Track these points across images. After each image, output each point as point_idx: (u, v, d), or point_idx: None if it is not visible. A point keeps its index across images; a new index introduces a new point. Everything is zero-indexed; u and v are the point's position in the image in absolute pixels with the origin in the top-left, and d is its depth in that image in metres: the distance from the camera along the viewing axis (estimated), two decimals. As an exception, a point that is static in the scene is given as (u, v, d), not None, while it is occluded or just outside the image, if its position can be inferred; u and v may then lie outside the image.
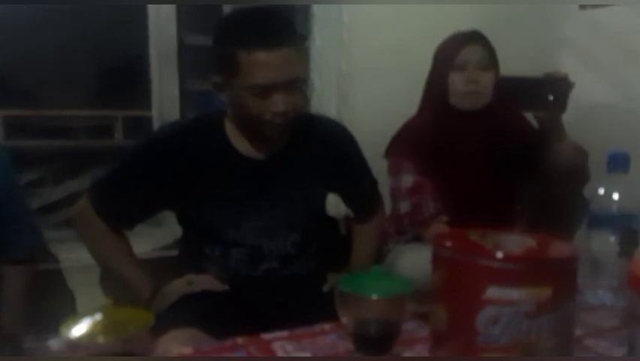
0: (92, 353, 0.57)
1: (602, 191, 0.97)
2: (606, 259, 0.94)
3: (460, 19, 1.68)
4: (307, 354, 0.81)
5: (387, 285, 0.74)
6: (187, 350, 0.85)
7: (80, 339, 0.57)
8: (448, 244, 0.67)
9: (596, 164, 1.40)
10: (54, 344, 0.60)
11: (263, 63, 1.15)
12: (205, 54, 1.61)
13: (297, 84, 1.23)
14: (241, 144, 1.31)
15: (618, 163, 0.97)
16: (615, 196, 0.96)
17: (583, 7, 1.93)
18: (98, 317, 0.58)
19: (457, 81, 1.55)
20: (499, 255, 0.62)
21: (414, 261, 1.18)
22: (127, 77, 2.14)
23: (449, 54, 1.58)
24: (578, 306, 0.65)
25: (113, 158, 1.70)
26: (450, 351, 0.66)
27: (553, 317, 0.61)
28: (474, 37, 1.58)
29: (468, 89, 1.55)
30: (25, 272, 1.32)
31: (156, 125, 1.96)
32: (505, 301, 0.60)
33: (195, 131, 1.32)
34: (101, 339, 0.57)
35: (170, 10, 1.91)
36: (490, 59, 1.56)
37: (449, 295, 0.66)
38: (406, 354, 0.79)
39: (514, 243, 0.67)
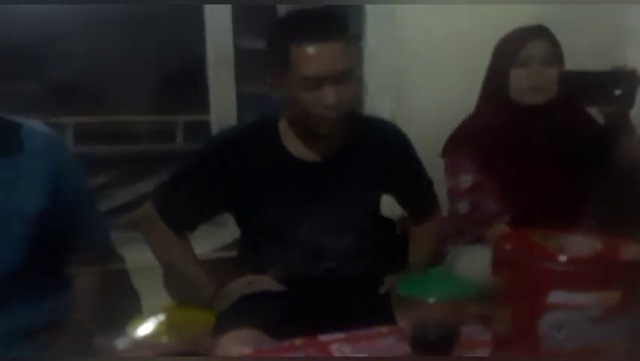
0: (155, 352, 0.59)
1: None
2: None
3: (521, 12, 1.63)
4: (365, 355, 0.81)
5: (445, 287, 0.74)
6: (247, 351, 0.87)
7: (145, 339, 0.60)
8: (509, 246, 0.65)
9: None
10: (121, 343, 0.63)
11: (313, 56, 1.19)
12: (260, 57, 1.65)
13: (348, 77, 1.24)
14: (295, 147, 1.33)
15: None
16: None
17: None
18: (162, 317, 0.61)
19: (519, 77, 1.51)
20: (563, 258, 0.60)
21: (474, 262, 1.16)
22: (186, 83, 2.21)
23: (512, 49, 1.54)
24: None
25: (175, 162, 1.78)
26: (510, 354, 0.64)
27: (624, 322, 0.58)
28: (538, 32, 1.53)
29: (531, 84, 1.50)
30: (97, 272, 1.37)
31: (214, 128, 2.01)
32: (569, 306, 0.58)
33: (250, 136, 1.35)
34: (164, 339, 0.59)
35: (226, 14, 1.95)
36: (555, 54, 1.52)
37: (511, 298, 0.64)
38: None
39: (578, 245, 0.65)
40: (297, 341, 0.88)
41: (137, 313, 1.68)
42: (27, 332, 1.17)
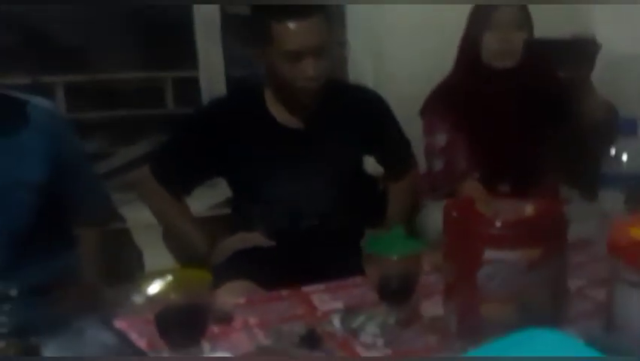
0: (165, 306, 0.73)
1: (612, 152, 1.05)
2: (615, 216, 1.02)
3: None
4: (341, 304, 0.95)
5: (405, 245, 0.87)
6: (240, 301, 1.01)
7: (156, 295, 0.73)
8: (455, 212, 0.78)
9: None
10: (136, 298, 0.75)
11: (293, 31, 1.30)
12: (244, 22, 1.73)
13: (325, 51, 1.35)
14: (279, 113, 1.43)
15: (627, 127, 1.04)
16: (624, 157, 1.03)
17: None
18: (169, 277, 0.74)
19: (490, 40, 1.59)
20: (498, 223, 0.73)
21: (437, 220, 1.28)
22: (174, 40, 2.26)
23: (484, 14, 1.62)
24: (568, 261, 0.75)
25: (166, 125, 1.85)
26: (457, 301, 0.78)
27: (544, 272, 0.72)
28: None
29: (501, 47, 1.58)
30: (101, 233, 1.47)
31: (203, 85, 2.08)
32: (500, 261, 0.72)
33: (238, 104, 1.46)
34: (172, 295, 0.72)
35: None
36: (524, 18, 1.60)
37: (456, 254, 0.77)
38: (426, 304, 0.91)
39: (512, 210, 0.77)
40: (284, 293, 1.02)
41: (140, 268, 1.83)
42: (40, 289, 1.25)
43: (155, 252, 1.73)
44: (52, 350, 0.81)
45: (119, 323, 0.86)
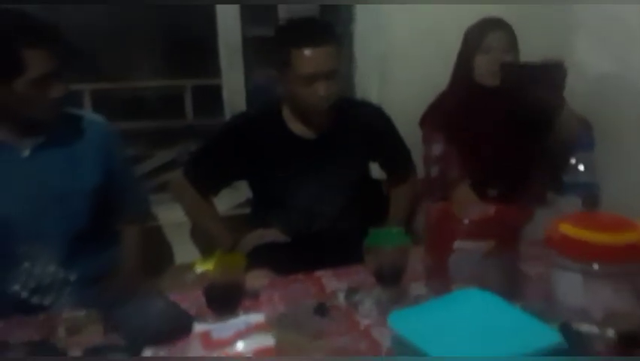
0: (211, 283, 0.96)
1: (572, 162, 1.27)
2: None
3: (487, 8, 1.89)
4: (345, 285, 1.18)
5: (397, 239, 1.09)
6: (265, 282, 1.24)
7: (204, 274, 0.96)
8: (434, 213, 1.01)
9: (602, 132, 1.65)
10: (188, 278, 0.97)
11: (308, 57, 1.50)
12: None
13: (335, 74, 1.55)
14: (296, 126, 1.65)
15: (585, 145, 1.26)
16: (581, 168, 1.25)
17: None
18: (214, 260, 0.97)
19: (482, 62, 1.79)
20: (465, 222, 0.96)
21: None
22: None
23: (477, 38, 1.81)
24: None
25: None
26: (434, 282, 1.01)
27: (499, 260, 0.95)
28: (498, 24, 1.80)
29: (491, 68, 1.77)
30: (140, 230, 1.67)
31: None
32: (465, 250, 0.94)
33: (260, 119, 1.68)
34: (217, 275, 0.96)
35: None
36: (512, 43, 1.79)
37: (433, 246, 1.00)
38: (413, 285, 1.14)
39: (477, 211, 1.00)
40: (300, 276, 1.25)
41: (170, 262, 2.04)
42: (91, 279, 1.46)
43: (183, 247, 1.93)
44: (121, 317, 1.04)
45: (172, 297, 1.09)
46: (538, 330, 0.76)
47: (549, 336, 0.75)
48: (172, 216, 1.94)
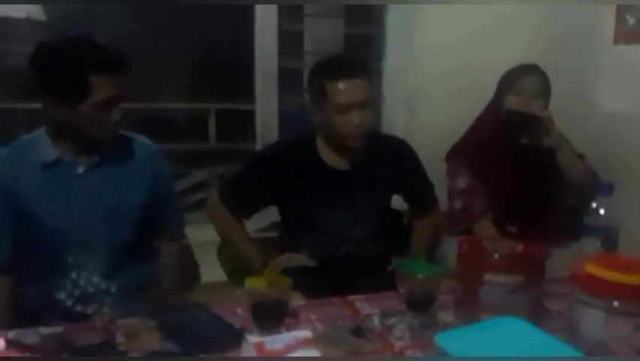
0: (260, 299, 1.04)
1: (594, 206, 1.35)
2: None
3: (511, 47, 2.00)
4: (377, 310, 1.26)
5: (428, 268, 1.17)
6: (302, 302, 1.32)
7: (254, 291, 1.05)
8: (466, 246, 1.09)
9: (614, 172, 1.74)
10: (238, 292, 1.06)
11: (343, 89, 1.61)
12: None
13: (368, 104, 1.66)
14: (329, 158, 1.75)
15: (605, 189, 1.34)
16: (602, 212, 1.33)
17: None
18: (264, 277, 1.06)
19: (512, 102, 1.87)
20: (495, 256, 1.04)
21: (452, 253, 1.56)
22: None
23: (512, 79, 1.90)
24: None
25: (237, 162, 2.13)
26: (464, 312, 1.09)
27: (525, 293, 1.03)
28: (535, 69, 1.89)
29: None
30: (179, 247, 1.77)
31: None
32: (495, 283, 1.02)
33: (293, 149, 1.78)
34: (267, 290, 1.04)
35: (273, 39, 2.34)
36: (545, 89, 1.88)
37: (464, 277, 1.08)
38: (443, 314, 1.21)
39: (508, 247, 1.08)
40: (334, 299, 1.33)
41: (197, 280, 2.11)
42: (129, 291, 1.54)
43: (208, 266, 1.97)
44: (169, 327, 1.12)
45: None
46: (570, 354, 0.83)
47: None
48: (200, 236, 2.02)
